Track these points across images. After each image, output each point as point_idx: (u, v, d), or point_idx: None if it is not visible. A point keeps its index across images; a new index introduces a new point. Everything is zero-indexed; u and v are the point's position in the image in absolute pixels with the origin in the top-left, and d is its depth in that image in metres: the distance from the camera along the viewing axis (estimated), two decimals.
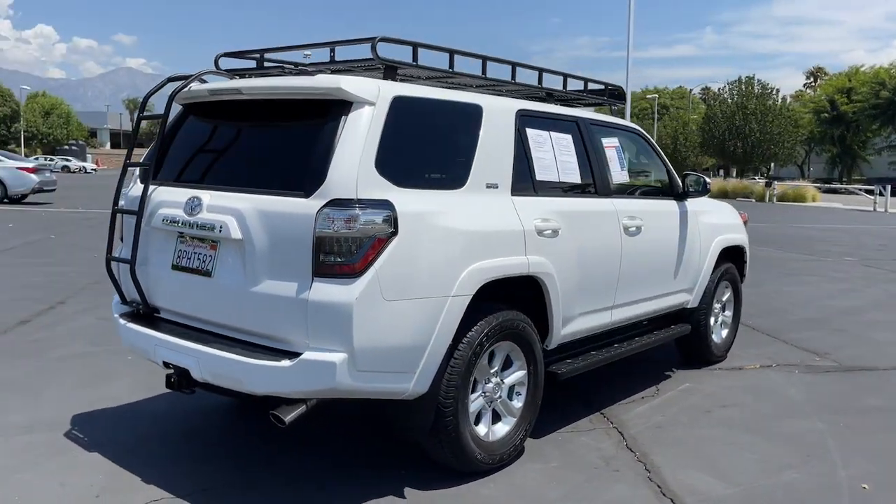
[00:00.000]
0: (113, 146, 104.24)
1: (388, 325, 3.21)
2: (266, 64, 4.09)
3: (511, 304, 3.89)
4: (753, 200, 38.16)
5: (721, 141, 53.90)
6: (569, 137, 4.48)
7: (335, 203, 3.12)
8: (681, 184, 5.40)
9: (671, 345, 5.95)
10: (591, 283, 4.40)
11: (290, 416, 3.21)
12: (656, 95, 74.35)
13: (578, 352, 4.57)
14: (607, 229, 4.55)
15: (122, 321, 3.90)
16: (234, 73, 4.10)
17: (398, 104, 3.42)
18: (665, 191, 5.44)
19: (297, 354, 3.15)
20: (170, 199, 3.67)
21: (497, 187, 3.84)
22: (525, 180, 4.06)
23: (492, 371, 3.83)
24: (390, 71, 3.65)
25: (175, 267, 3.66)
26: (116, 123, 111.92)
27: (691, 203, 5.55)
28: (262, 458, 3.96)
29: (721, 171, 66.54)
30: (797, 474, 3.90)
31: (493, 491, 3.63)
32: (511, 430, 3.93)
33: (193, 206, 3.51)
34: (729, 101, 55.12)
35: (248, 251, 3.32)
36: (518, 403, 3.99)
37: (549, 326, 4.11)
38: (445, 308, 3.38)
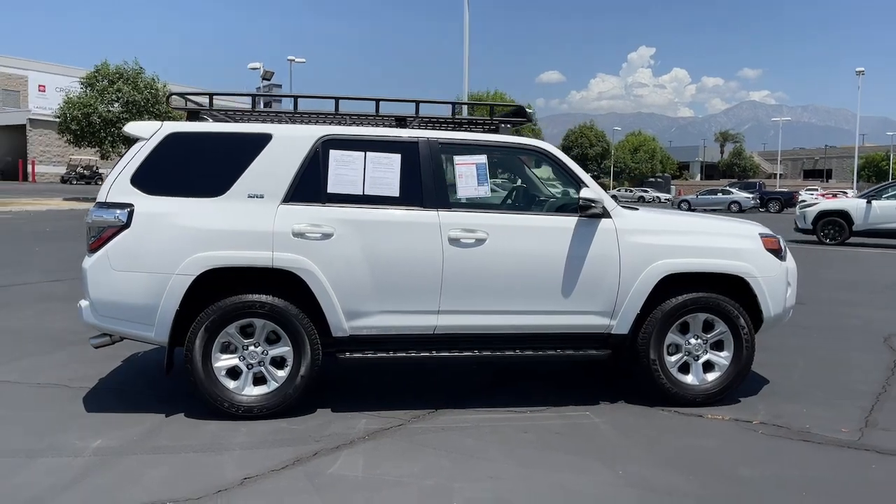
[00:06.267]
0: (706, 177, 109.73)
1: (117, 287, 4.70)
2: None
3: (288, 293, 4.85)
4: None
5: None
6: (396, 157, 5.02)
7: (96, 204, 4.81)
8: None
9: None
10: (393, 284, 4.88)
11: (94, 342, 5.00)
12: None
13: (399, 347, 5.04)
14: (419, 238, 4.90)
15: None
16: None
17: (171, 138, 4.87)
18: (572, 207, 5.19)
19: None
20: None
21: (262, 197, 4.84)
22: (311, 192, 4.89)
23: (248, 341, 4.86)
24: (193, 115, 5.11)
25: None
26: (709, 156, 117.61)
27: (620, 220, 5.14)
28: (138, 381, 5.74)
29: None
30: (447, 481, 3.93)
31: (213, 427, 4.67)
32: (268, 391, 4.86)
33: None
34: None
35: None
36: (282, 373, 4.89)
37: (324, 316, 4.87)
38: (170, 282, 4.69)
